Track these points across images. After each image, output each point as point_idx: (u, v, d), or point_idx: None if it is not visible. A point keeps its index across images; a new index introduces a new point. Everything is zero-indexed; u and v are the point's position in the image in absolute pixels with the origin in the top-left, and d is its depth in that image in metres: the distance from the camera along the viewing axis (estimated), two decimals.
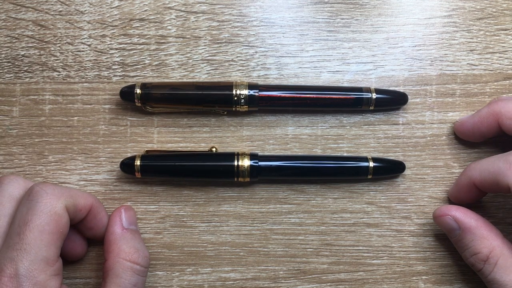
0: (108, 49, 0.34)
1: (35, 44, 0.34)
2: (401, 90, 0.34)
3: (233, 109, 0.33)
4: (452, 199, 0.33)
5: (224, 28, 0.34)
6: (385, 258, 0.34)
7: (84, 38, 0.34)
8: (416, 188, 0.34)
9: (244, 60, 0.34)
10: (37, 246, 0.25)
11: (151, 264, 0.33)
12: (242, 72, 0.34)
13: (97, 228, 0.31)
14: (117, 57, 0.34)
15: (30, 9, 0.34)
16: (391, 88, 0.34)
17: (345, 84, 0.34)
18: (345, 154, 0.34)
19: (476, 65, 0.34)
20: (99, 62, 0.34)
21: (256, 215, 0.34)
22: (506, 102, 0.31)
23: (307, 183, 0.34)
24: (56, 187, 0.28)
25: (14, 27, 0.34)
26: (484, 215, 0.34)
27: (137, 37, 0.34)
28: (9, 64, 0.34)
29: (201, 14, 0.34)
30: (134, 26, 0.34)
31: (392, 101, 0.33)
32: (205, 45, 0.34)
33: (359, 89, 0.33)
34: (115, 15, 0.34)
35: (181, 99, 0.32)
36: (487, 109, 0.31)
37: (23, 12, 0.34)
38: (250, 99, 0.32)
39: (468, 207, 0.31)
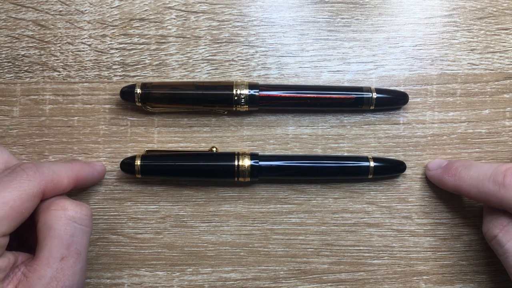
0: (108, 49, 0.34)
1: (35, 44, 0.34)
2: (402, 90, 0.34)
3: (234, 109, 0.33)
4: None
5: (225, 28, 0.34)
6: (385, 258, 0.34)
7: (84, 38, 0.34)
8: (416, 188, 0.34)
9: (245, 60, 0.34)
10: None
11: (151, 264, 0.33)
12: (243, 72, 0.34)
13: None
14: (117, 57, 0.34)
15: (30, 9, 0.34)
16: (391, 88, 0.34)
17: (346, 84, 0.34)
18: (345, 154, 0.34)
19: (477, 65, 0.34)
20: (99, 62, 0.34)
21: (256, 215, 0.34)
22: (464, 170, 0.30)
23: (308, 183, 0.34)
24: (38, 171, 0.27)
25: (14, 27, 0.34)
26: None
27: (137, 37, 0.34)
28: (10, 64, 0.34)
29: (201, 14, 0.34)
30: (134, 26, 0.34)
31: (392, 101, 0.33)
32: (205, 45, 0.34)
33: (360, 89, 0.33)
34: (115, 15, 0.34)
35: (182, 99, 0.32)
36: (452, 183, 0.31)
37: (23, 12, 0.34)
38: (250, 99, 0.32)
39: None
